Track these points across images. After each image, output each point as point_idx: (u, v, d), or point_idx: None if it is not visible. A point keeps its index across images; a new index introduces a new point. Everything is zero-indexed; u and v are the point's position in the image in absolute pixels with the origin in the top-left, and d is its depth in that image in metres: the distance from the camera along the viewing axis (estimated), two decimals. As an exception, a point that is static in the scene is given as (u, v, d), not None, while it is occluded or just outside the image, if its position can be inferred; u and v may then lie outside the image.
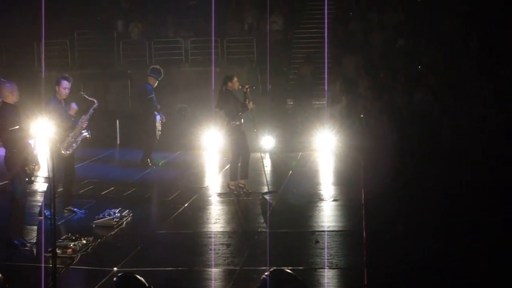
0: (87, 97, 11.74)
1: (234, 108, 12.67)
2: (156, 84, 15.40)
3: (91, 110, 11.50)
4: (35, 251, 9.61)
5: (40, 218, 11.11)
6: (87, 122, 11.34)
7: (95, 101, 11.61)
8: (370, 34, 22.25)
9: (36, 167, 9.64)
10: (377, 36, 21.96)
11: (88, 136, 11.37)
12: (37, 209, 11.36)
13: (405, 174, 13.41)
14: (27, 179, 9.57)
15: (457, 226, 10.15)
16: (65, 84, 11.20)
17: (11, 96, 9.66)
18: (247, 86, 12.83)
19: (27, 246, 9.72)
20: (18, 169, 9.46)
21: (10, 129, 9.48)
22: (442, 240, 9.56)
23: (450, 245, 9.33)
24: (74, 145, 11.24)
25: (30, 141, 9.72)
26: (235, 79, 12.79)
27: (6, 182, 12.82)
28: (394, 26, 22.29)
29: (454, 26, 20.82)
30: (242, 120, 12.82)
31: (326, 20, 21.22)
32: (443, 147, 15.61)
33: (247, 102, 12.70)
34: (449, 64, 19.42)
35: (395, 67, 20.26)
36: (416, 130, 16.65)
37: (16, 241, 9.70)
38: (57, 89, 11.21)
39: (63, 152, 10.95)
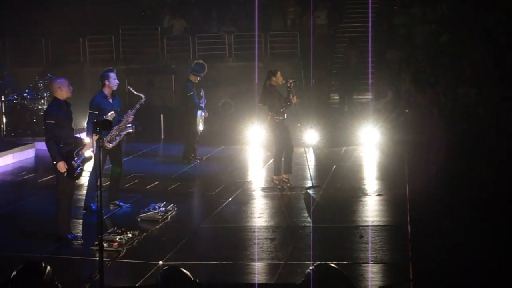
0: (134, 91, 11.84)
1: (278, 103, 12.69)
2: (197, 80, 15.44)
3: (137, 105, 11.59)
4: (83, 245, 9.72)
5: (86, 211, 11.24)
6: (132, 117, 11.42)
7: (143, 96, 11.70)
8: (414, 28, 22.07)
9: (82, 165, 9.74)
10: (421, 30, 21.77)
11: (131, 131, 11.44)
12: (83, 203, 11.46)
13: (450, 169, 13.28)
14: (73, 174, 9.67)
15: (503, 222, 10.04)
16: (114, 75, 11.32)
17: (60, 91, 9.78)
18: (291, 81, 12.83)
19: (79, 240, 9.82)
20: (59, 158, 9.55)
21: (51, 122, 9.58)
22: (487, 236, 9.46)
23: (495, 241, 9.23)
24: (117, 138, 11.31)
25: (79, 136, 9.83)
26: (279, 74, 12.80)
27: (53, 176, 13.08)
28: (438, 20, 22.07)
29: (499, 20, 20.55)
30: (286, 115, 12.83)
31: (370, 14, 21.09)
32: (488, 143, 15.44)
33: (291, 97, 12.71)
34: (494, 59, 19.18)
35: (439, 62, 20.08)
36: (461, 125, 16.50)
37: (69, 235, 9.82)
38: (107, 83, 11.30)
39: (106, 145, 11.05)
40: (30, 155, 16.68)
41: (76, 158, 9.66)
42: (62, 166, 9.54)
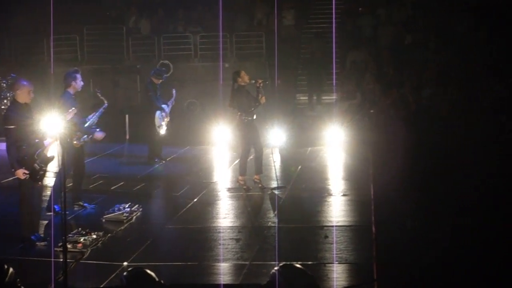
0: (100, 95, 11.79)
1: (247, 103, 12.68)
2: (159, 82, 15.37)
3: (101, 110, 11.54)
4: (47, 246, 9.63)
5: (50, 213, 11.13)
6: (96, 120, 11.39)
7: (105, 102, 11.64)
8: (379, 29, 22.20)
9: (44, 166, 9.65)
10: (385, 31, 21.91)
11: (100, 135, 11.46)
12: (47, 204, 11.35)
13: (414, 169, 13.37)
14: (36, 176, 9.57)
15: (467, 222, 10.13)
16: (79, 77, 11.30)
17: (19, 94, 9.65)
18: (260, 81, 12.83)
19: (43, 241, 9.73)
20: (17, 166, 9.45)
21: (11, 127, 9.47)
22: (451, 235, 9.54)
23: (459, 241, 9.30)
24: (85, 137, 11.27)
25: (43, 140, 9.72)
26: (243, 73, 12.80)
27: (16, 177, 12.94)
28: (403, 22, 22.22)
29: (463, 22, 20.76)
30: (255, 115, 12.83)
31: (334, 15, 21.19)
32: (453, 143, 15.57)
33: (259, 97, 12.71)
34: (458, 60, 19.36)
35: (403, 63, 20.21)
36: (425, 126, 16.61)
37: (33, 237, 9.72)
38: (73, 83, 11.24)
39: (75, 142, 10.98)
40: (-8, 155, 16.46)
41: (38, 160, 9.56)
42: (21, 174, 9.46)
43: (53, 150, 9.86)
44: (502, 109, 16.07)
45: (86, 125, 11.26)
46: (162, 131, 15.32)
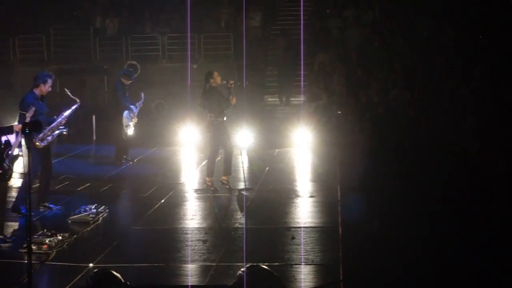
0: (70, 95, 11.74)
1: (218, 105, 12.67)
2: (128, 82, 15.32)
3: (72, 108, 11.48)
4: (11, 247, 9.54)
5: (15, 214, 11.03)
6: (66, 119, 11.32)
7: (78, 100, 11.60)
8: (346, 31, 22.30)
9: (12, 160, 9.59)
10: (353, 33, 22.01)
11: (65, 133, 11.36)
12: (12, 205, 11.24)
13: (381, 171, 13.46)
14: (5, 176, 9.50)
15: (432, 222, 10.22)
16: (50, 82, 11.27)
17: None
18: (231, 82, 12.84)
19: (8, 242, 9.64)
20: None
21: None
22: (416, 236, 9.62)
23: (424, 242, 9.38)
24: (49, 138, 11.18)
25: (3, 139, 9.64)
26: (216, 74, 12.79)
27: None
28: (370, 24, 22.34)
29: (429, 24, 20.94)
30: (225, 117, 12.83)
31: (302, 16, 21.23)
32: (419, 144, 15.69)
33: (230, 98, 12.71)
34: (424, 62, 19.53)
35: (370, 65, 20.33)
36: (392, 127, 16.72)
37: (-4, 238, 9.65)
38: (42, 86, 11.18)
39: (37, 144, 10.90)
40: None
41: (6, 160, 9.49)
42: None
43: (18, 149, 9.79)
44: (466, 111, 16.23)
45: (52, 125, 11.16)
46: (130, 131, 15.25)
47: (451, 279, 8.16)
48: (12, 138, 10.04)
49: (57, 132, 11.27)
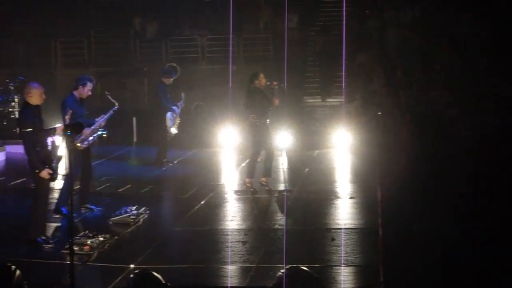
0: (110, 98, 11.84)
1: (261, 106, 12.67)
2: (170, 82, 15.40)
3: (111, 111, 11.58)
4: (53, 248, 9.64)
5: (56, 215, 11.15)
6: (105, 122, 11.42)
7: (117, 104, 11.69)
8: (386, 32, 22.17)
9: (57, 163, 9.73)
10: (392, 33, 21.87)
11: (105, 135, 11.45)
12: (54, 207, 11.35)
13: (422, 172, 13.36)
14: (54, 176, 9.63)
15: (474, 224, 10.11)
16: (90, 86, 11.35)
17: (30, 97, 9.69)
18: (275, 83, 12.83)
19: (50, 243, 9.75)
20: (41, 167, 9.51)
21: (28, 130, 9.52)
22: (458, 237, 9.53)
23: (466, 243, 9.29)
24: (90, 139, 11.27)
25: (50, 140, 9.77)
26: (261, 76, 12.79)
27: (24, 179, 12.99)
28: (410, 24, 22.19)
29: (469, 24, 20.73)
30: (268, 119, 12.81)
31: (344, 17, 21.14)
32: (460, 145, 15.54)
33: (273, 99, 12.70)
34: (464, 63, 19.34)
35: (410, 65, 20.19)
36: (432, 127, 16.59)
37: (39, 239, 9.74)
38: (81, 88, 11.28)
39: (79, 145, 11.01)
40: (0, 158, 16.52)
41: (54, 160, 9.63)
42: (46, 174, 9.53)
43: (61, 151, 9.92)
44: (509, 109, 16.04)
45: (92, 127, 11.27)
46: (173, 131, 15.34)
47: (495, 280, 8.06)
48: (57, 139, 10.17)
49: (97, 134, 11.37)
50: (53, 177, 9.70)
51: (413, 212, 10.82)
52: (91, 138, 11.30)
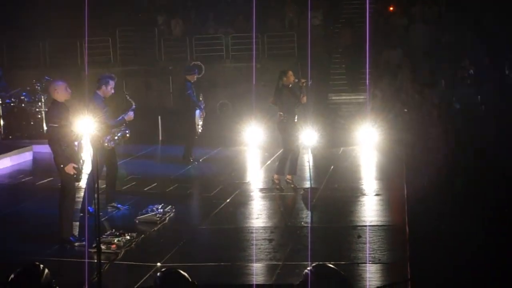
0: (128, 97, 11.86)
1: (289, 104, 12.66)
2: (194, 80, 15.42)
3: (129, 111, 11.59)
4: (80, 247, 9.69)
5: (82, 214, 11.22)
6: (126, 122, 11.45)
7: (133, 103, 11.69)
8: (412, 28, 22.06)
9: (83, 164, 9.77)
10: (419, 30, 21.77)
11: (128, 134, 11.48)
12: (80, 206, 11.42)
13: (448, 169, 13.28)
14: (75, 177, 9.67)
15: (502, 223, 10.03)
16: (113, 84, 11.38)
17: (56, 94, 9.76)
18: (303, 80, 12.82)
19: (82, 242, 9.80)
20: (67, 162, 9.56)
21: (55, 125, 9.59)
22: (485, 236, 9.46)
23: (493, 242, 9.22)
24: (115, 138, 11.33)
25: (76, 141, 9.82)
26: (290, 73, 12.76)
27: (51, 179, 13.08)
28: (436, 20, 22.07)
29: (498, 20, 20.56)
30: (296, 116, 12.79)
31: (367, 14, 21.08)
32: (488, 143, 15.42)
33: (301, 97, 12.70)
34: (492, 59, 19.19)
35: (437, 61, 20.08)
36: (460, 125, 16.49)
37: (72, 238, 9.81)
38: (104, 88, 11.33)
39: (106, 144, 11.07)
40: (27, 158, 16.66)
41: (81, 160, 9.68)
42: (71, 169, 9.55)
43: (87, 152, 9.98)
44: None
45: (114, 123, 11.30)
46: (199, 129, 15.40)
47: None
48: (85, 140, 10.23)
49: (121, 133, 11.40)
50: (77, 178, 9.75)
51: (441, 212, 10.76)
52: (116, 137, 11.35)
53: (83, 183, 11.47)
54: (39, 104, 17.84)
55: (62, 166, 9.59)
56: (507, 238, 9.34)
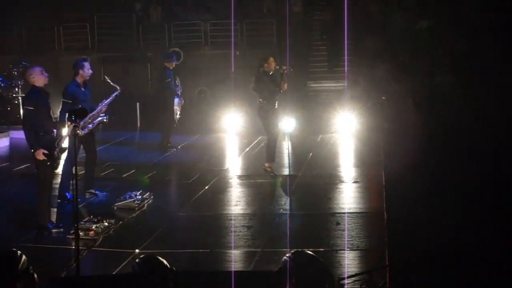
0: (110, 82, 11.76)
1: (269, 90, 12.62)
2: (173, 66, 15.34)
3: (112, 96, 11.51)
4: (58, 234, 9.64)
5: (60, 200, 11.16)
6: (106, 107, 11.36)
7: (118, 88, 11.62)
8: (390, 15, 22.08)
9: (61, 151, 9.70)
10: (397, 17, 21.79)
11: (105, 120, 11.38)
12: (58, 192, 11.35)
13: (426, 156, 13.34)
14: (49, 163, 9.59)
15: (478, 208, 10.10)
16: (88, 65, 11.27)
17: (32, 79, 9.68)
18: (284, 67, 12.79)
19: (60, 228, 9.74)
20: (37, 146, 9.47)
21: (30, 108, 9.51)
22: (462, 221, 9.52)
23: (470, 227, 9.28)
24: (90, 126, 11.22)
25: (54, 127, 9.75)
26: (271, 59, 12.72)
27: (28, 165, 12.98)
28: (414, 7, 22.09)
29: (476, 8, 20.63)
30: (277, 103, 12.75)
31: (345, 1, 21.05)
32: (464, 130, 15.51)
33: (282, 84, 12.67)
34: (471, 47, 19.26)
35: (415, 49, 20.13)
36: (438, 112, 16.56)
37: (49, 224, 9.75)
38: (81, 71, 11.22)
39: (78, 132, 10.97)
40: (4, 143, 16.56)
41: (57, 148, 9.60)
42: (40, 154, 9.44)
43: (66, 140, 9.92)
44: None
45: (93, 112, 11.20)
46: (177, 117, 15.35)
47: (501, 264, 8.04)
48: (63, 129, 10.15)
49: (98, 119, 11.28)
50: (52, 164, 9.66)
51: (418, 196, 10.81)
52: (91, 124, 11.23)
53: (61, 170, 11.39)
54: (16, 89, 17.71)
55: (32, 150, 9.50)
56: (483, 221, 9.40)
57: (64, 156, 10.28)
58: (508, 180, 11.57)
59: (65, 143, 9.91)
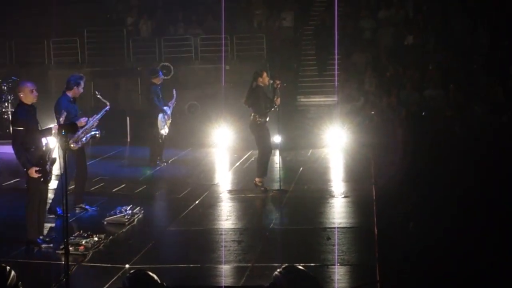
0: (101, 98, 11.80)
1: (262, 105, 12.60)
2: (160, 81, 15.35)
3: (103, 111, 11.55)
4: (48, 249, 9.60)
5: (51, 216, 11.12)
6: (97, 122, 11.39)
7: (108, 104, 11.67)
8: (379, 31, 22.17)
9: (52, 165, 9.67)
10: (386, 32, 21.88)
11: (98, 135, 11.41)
12: (48, 207, 11.30)
13: (416, 170, 13.37)
14: (42, 179, 9.56)
15: (468, 223, 10.12)
16: (83, 84, 11.35)
17: (23, 95, 9.65)
18: (278, 82, 12.74)
19: (50, 244, 9.69)
20: (29, 165, 9.45)
21: (19, 128, 9.47)
22: (453, 236, 9.53)
23: (461, 242, 9.29)
24: (83, 140, 11.24)
25: (44, 142, 9.72)
26: (265, 74, 12.67)
27: (17, 180, 12.94)
28: (403, 23, 22.19)
29: (464, 22, 20.76)
30: (268, 117, 12.74)
31: (336, 17, 21.13)
32: (454, 144, 15.57)
33: (275, 98, 12.64)
34: (459, 61, 19.38)
35: (404, 64, 20.23)
36: (427, 127, 16.62)
37: (38, 239, 9.69)
38: (76, 88, 11.26)
39: (72, 145, 10.98)
40: (-7, 158, 16.47)
41: (48, 162, 9.57)
42: (33, 173, 9.43)
43: (56, 152, 9.89)
44: (502, 110, 16.08)
45: (85, 127, 11.22)
46: (164, 132, 15.31)
47: (492, 279, 8.06)
48: (51, 140, 10.12)
49: (90, 134, 11.33)
50: (46, 179, 9.64)
51: (408, 210, 10.83)
52: (84, 138, 11.27)
53: (52, 184, 11.35)
54: (6, 104, 17.65)
55: (25, 169, 9.49)
56: (474, 236, 9.41)
57: (55, 168, 10.26)
58: (498, 192, 11.61)
59: (55, 155, 9.88)
